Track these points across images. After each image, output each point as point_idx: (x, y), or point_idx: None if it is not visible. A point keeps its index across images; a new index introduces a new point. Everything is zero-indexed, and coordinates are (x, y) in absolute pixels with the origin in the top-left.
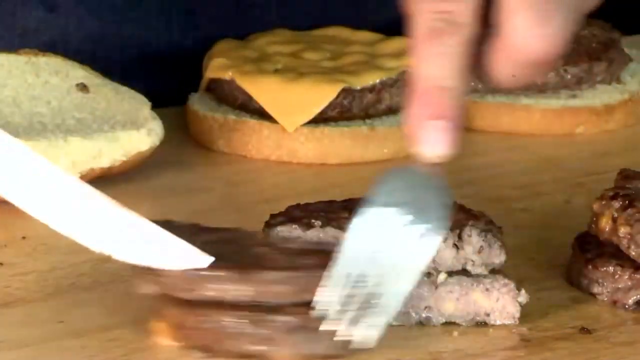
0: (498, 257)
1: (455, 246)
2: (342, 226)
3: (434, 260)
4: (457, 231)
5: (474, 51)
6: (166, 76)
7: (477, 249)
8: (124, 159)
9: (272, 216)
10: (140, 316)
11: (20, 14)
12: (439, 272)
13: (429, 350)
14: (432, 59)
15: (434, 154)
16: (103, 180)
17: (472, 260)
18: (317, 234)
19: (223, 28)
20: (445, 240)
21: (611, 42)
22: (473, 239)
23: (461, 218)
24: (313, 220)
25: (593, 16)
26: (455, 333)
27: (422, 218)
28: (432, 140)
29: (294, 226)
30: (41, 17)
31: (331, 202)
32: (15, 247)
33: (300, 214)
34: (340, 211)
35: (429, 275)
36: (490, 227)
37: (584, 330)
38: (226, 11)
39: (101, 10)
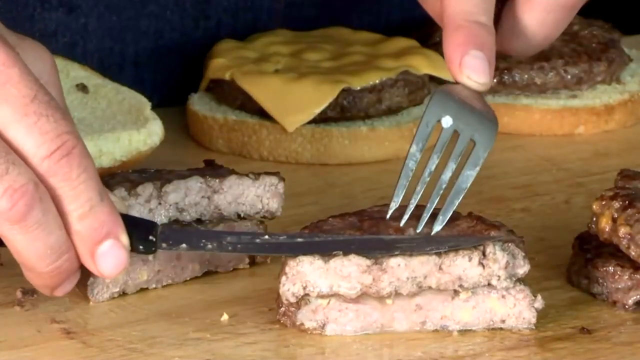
0: (522, 268)
1: (481, 264)
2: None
3: (459, 278)
4: (481, 248)
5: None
6: (175, 70)
7: (503, 264)
8: (124, 159)
9: None
10: (139, 316)
11: (38, 17)
12: (464, 289)
13: (429, 351)
14: None
15: (476, 80)
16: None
17: (498, 276)
18: (342, 262)
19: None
20: (470, 259)
21: (611, 42)
22: (497, 255)
23: (481, 229)
24: (335, 252)
25: (593, 16)
26: (455, 333)
27: (472, 132)
28: (474, 67)
29: (316, 257)
30: (60, 19)
31: (343, 215)
32: None
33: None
34: (351, 229)
35: (456, 292)
36: (512, 238)
37: (584, 330)
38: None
39: (120, 7)
